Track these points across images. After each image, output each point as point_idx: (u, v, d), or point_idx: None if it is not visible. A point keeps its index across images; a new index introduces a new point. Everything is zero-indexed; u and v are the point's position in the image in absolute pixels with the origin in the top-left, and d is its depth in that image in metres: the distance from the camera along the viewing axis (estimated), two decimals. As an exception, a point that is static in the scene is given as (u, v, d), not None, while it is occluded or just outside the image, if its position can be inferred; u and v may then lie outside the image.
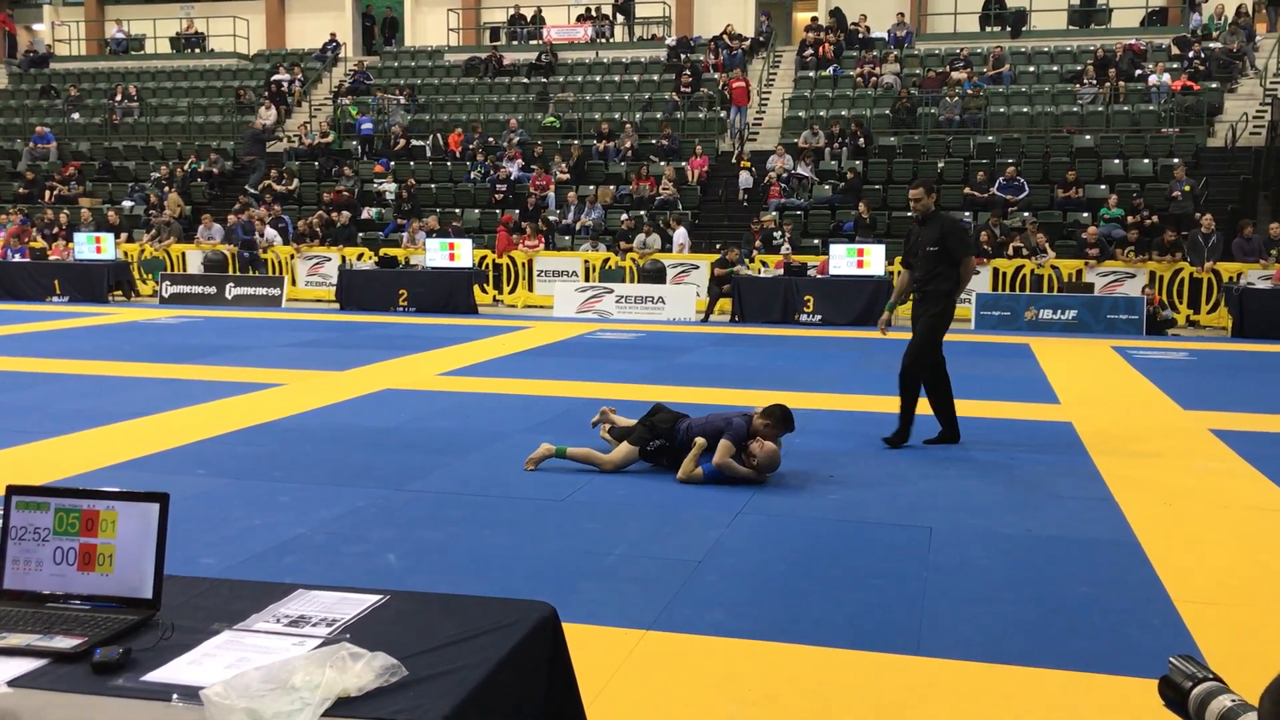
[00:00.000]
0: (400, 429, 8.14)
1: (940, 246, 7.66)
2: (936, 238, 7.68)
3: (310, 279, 20.53)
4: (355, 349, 12.76)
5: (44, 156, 26.14)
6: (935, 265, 7.69)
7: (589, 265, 19.16)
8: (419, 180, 22.80)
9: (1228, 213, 18.37)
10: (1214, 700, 1.80)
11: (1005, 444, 7.86)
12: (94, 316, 16.51)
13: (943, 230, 7.73)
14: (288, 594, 2.59)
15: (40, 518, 2.47)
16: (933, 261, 7.69)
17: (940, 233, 7.71)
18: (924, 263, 7.72)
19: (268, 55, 30.71)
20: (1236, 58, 22.78)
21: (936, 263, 7.69)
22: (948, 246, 7.67)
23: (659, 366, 11.65)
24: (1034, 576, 4.96)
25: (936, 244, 7.67)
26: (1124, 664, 3.97)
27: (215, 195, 24.07)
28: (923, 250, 7.72)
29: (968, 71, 23.50)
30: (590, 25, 28.81)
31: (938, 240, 7.67)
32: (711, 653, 4.07)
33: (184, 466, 6.88)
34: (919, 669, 3.94)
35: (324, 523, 5.68)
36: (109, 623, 2.35)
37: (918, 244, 7.78)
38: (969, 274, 7.97)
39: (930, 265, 7.71)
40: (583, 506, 6.05)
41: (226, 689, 1.96)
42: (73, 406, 8.87)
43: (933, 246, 7.67)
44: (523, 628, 2.42)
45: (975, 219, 19.10)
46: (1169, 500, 6.34)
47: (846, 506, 6.14)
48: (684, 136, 23.08)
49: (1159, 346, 13.94)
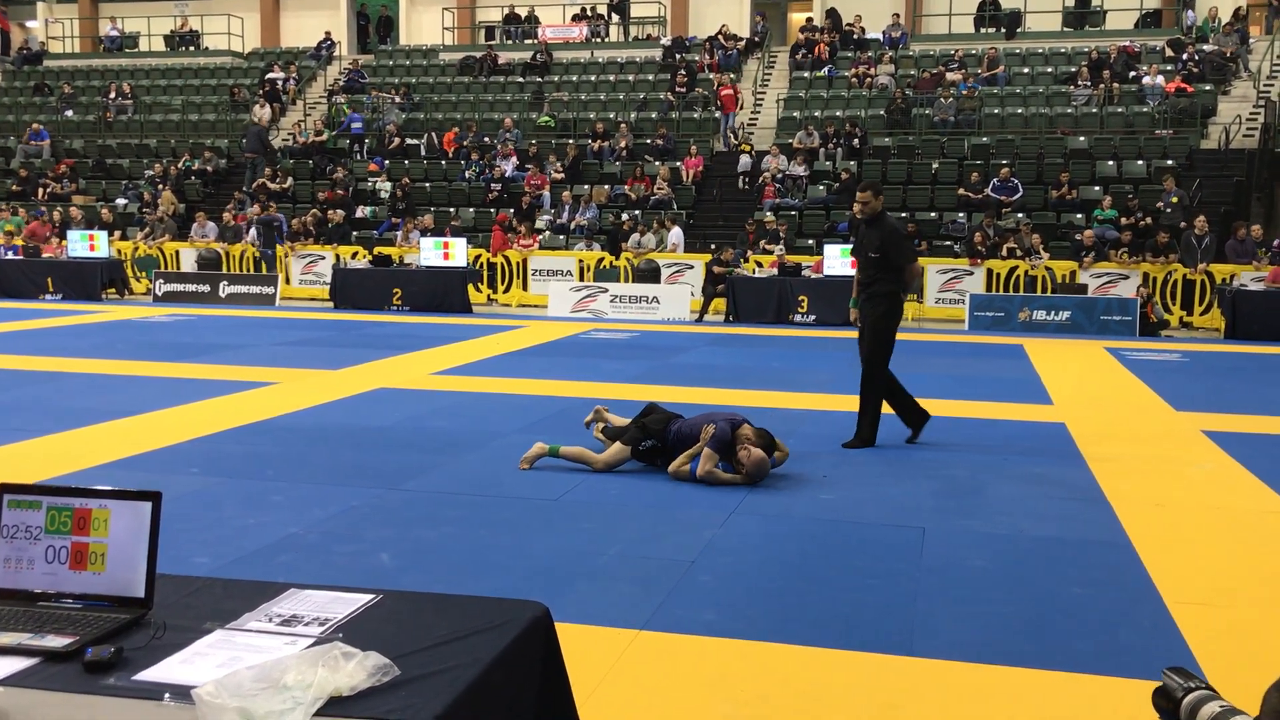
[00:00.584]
0: (394, 428, 8.13)
1: (881, 254, 7.75)
2: (878, 244, 7.76)
3: (304, 278, 20.51)
4: (349, 348, 12.75)
5: (37, 154, 26.09)
6: (877, 270, 7.79)
7: (584, 265, 19.16)
8: (413, 179, 22.78)
9: (1221, 215, 18.41)
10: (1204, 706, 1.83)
11: (998, 445, 7.88)
12: (87, 314, 16.47)
13: (883, 238, 7.81)
14: (280, 593, 2.58)
15: (32, 516, 2.47)
16: (875, 266, 7.79)
17: (881, 239, 7.78)
18: (867, 265, 7.81)
19: (262, 53, 30.67)
20: (1230, 60, 22.84)
21: (878, 268, 7.78)
22: (888, 254, 7.76)
23: (653, 366, 11.65)
24: (1026, 577, 4.97)
25: (878, 250, 7.76)
26: (1116, 665, 3.98)
27: (209, 193, 24.04)
28: (864, 254, 7.80)
29: (962, 72, 23.53)
30: (585, 25, 28.81)
31: (879, 247, 7.76)
32: (704, 653, 4.07)
33: (177, 465, 6.87)
34: (911, 669, 3.95)
35: (317, 522, 5.67)
36: (101, 622, 2.34)
37: (863, 245, 7.86)
38: (914, 277, 8.10)
39: (872, 269, 7.79)
40: (576, 506, 6.05)
41: (218, 688, 1.96)
42: (65, 405, 8.85)
43: (874, 252, 7.77)
44: (516, 627, 2.42)
45: (970, 220, 19.14)
46: (1161, 501, 6.35)
47: (839, 507, 6.15)
48: (679, 136, 23.09)
49: (1152, 348, 13.97)
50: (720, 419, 6.66)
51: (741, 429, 6.58)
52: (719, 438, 6.49)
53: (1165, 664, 4.12)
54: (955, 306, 17.49)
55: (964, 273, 17.81)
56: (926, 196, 20.36)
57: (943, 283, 17.93)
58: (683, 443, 6.72)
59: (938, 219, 19.68)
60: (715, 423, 6.58)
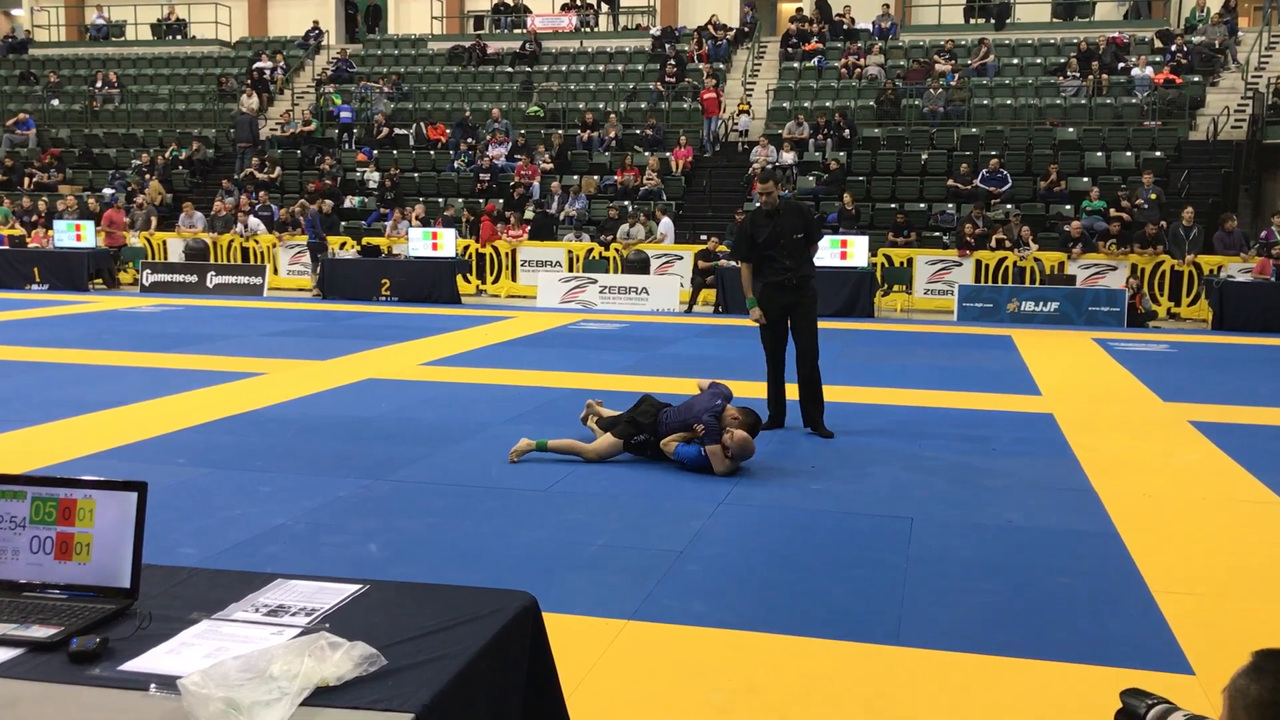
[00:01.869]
0: (382, 419, 8.12)
1: (806, 234, 7.83)
2: (800, 225, 7.82)
3: (292, 268, 20.44)
4: (337, 338, 12.71)
5: (23, 143, 25.95)
6: (803, 252, 7.85)
7: (573, 255, 19.13)
8: (402, 169, 22.71)
9: (1209, 206, 18.46)
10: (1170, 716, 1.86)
11: (986, 435, 7.89)
12: (74, 305, 16.40)
13: (805, 218, 7.94)
14: (267, 583, 2.58)
15: (17, 506, 2.46)
16: (801, 248, 7.83)
17: (804, 220, 7.88)
18: (793, 251, 7.78)
19: (250, 42, 30.53)
20: (1219, 51, 22.87)
21: (803, 249, 7.85)
22: (810, 232, 7.88)
23: (643, 357, 11.65)
24: (1014, 567, 4.99)
25: (802, 231, 7.82)
26: (1103, 654, 4.00)
27: (196, 183, 23.94)
28: (789, 239, 7.78)
29: (952, 63, 23.54)
30: (575, 14, 28.73)
31: (803, 227, 7.83)
32: (692, 643, 4.08)
33: (164, 456, 6.85)
34: (899, 659, 3.96)
35: (305, 512, 5.66)
36: (86, 612, 2.33)
37: (778, 234, 7.78)
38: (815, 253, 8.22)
39: (799, 251, 7.81)
40: (565, 497, 6.05)
41: (204, 678, 1.95)
42: (51, 395, 8.82)
43: (799, 234, 7.80)
44: (503, 617, 2.42)
45: (958, 211, 19.17)
46: (1148, 491, 6.37)
47: (827, 497, 6.16)
48: (668, 127, 23.05)
49: (1140, 339, 14.02)
50: (704, 411, 6.66)
51: (725, 412, 6.62)
52: (710, 433, 6.53)
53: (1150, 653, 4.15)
54: (944, 297, 17.52)
55: (953, 264, 17.83)
56: (915, 187, 20.37)
57: (931, 274, 17.95)
58: (673, 431, 6.77)
59: (927, 210, 19.70)
60: (702, 420, 6.59)
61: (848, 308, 15.83)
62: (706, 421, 6.54)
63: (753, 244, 7.88)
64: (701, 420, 6.57)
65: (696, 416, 6.63)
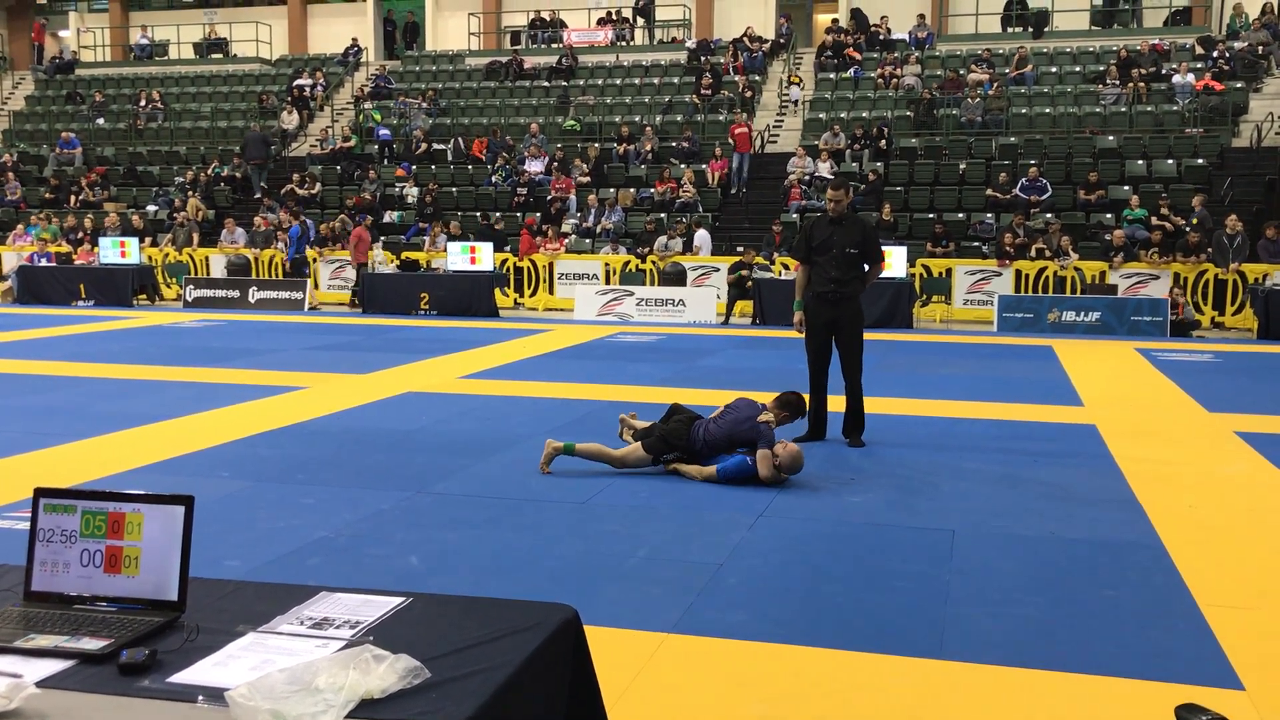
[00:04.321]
0: (422, 431, 8.17)
1: (860, 250, 7.82)
2: (858, 240, 7.82)
3: (332, 283, 20.63)
4: (377, 352, 12.81)
5: (69, 162, 26.39)
6: (854, 268, 7.84)
7: (609, 268, 19.17)
8: (440, 184, 22.87)
9: (1253, 213, 18.21)
10: None
11: (1028, 446, 7.82)
12: (119, 320, 16.63)
13: (864, 234, 7.91)
14: (311, 596, 2.60)
15: (67, 520, 2.50)
16: (853, 263, 7.83)
17: (862, 236, 7.86)
18: (842, 263, 7.79)
19: (290, 60, 30.89)
20: (1262, 57, 22.59)
21: (855, 265, 7.85)
22: (867, 251, 7.87)
23: (680, 369, 11.64)
24: (1057, 579, 4.93)
25: (858, 247, 7.81)
26: (1151, 668, 3.95)
27: (238, 199, 24.22)
28: (841, 251, 7.77)
29: (989, 72, 23.40)
30: (610, 28, 28.85)
31: (859, 244, 7.81)
32: (734, 656, 4.07)
33: (208, 469, 6.93)
34: (942, 672, 3.93)
35: (347, 525, 5.70)
36: (135, 624, 2.36)
37: (832, 242, 7.79)
38: (877, 276, 8.23)
39: (849, 267, 7.82)
40: (604, 509, 6.06)
41: (251, 690, 1.97)
42: (99, 410, 8.94)
43: (853, 249, 7.80)
44: (545, 630, 2.43)
45: (998, 220, 19.02)
46: (1193, 503, 6.29)
47: (867, 509, 6.13)
48: (704, 139, 23.06)
49: (1183, 348, 13.84)
50: (749, 420, 6.67)
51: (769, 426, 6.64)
52: (763, 438, 6.57)
53: (1199, 668, 4.09)
54: (984, 308, 17.38)
55: (992, 274, 17.70)
56: (954, 197, 20.25)
57: (971, 284, 17.82)
58: (714, 449, 6.74)
59: (965, 220, 19.57)
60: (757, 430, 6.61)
61: (886, 318, 15.75)
62: (763, 430, 6.58)
63: (809, 247, 7.93)
64: (757, 428, 6.59)
65: (745, 428, 6.64)
